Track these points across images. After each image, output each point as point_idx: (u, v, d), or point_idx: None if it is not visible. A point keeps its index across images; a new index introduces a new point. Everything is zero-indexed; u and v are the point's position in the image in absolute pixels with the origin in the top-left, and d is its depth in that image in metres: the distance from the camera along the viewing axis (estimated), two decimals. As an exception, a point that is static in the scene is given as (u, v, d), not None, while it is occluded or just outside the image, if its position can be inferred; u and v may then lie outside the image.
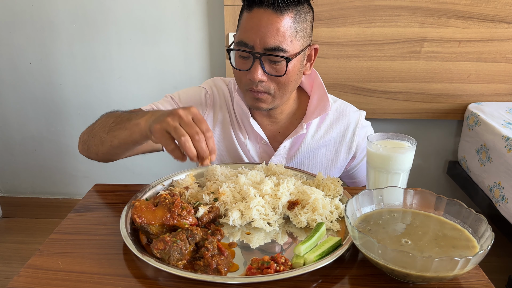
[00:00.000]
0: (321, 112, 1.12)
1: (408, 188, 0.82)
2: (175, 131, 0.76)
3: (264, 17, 0.94)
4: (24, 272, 0.70)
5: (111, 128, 0.94)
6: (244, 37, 0.97)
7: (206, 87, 1.19)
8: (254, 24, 0.95)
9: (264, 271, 0.67)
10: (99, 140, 0.98)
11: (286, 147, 1.16)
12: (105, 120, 0.99)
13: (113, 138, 0.94)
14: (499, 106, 2.02)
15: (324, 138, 1.17)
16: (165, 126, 0.77)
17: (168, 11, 2.09)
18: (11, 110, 2.33)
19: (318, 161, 1.18)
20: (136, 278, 0.69)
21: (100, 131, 0.98)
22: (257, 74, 0.98)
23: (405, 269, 0.64)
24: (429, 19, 1.96)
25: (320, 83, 1.15)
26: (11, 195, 2.54)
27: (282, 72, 0.99)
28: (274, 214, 0.86)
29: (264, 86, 1.01)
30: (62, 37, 2.16)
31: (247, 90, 1.04)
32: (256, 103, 1.05)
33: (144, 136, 0.87)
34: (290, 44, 0.97)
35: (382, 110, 2.14)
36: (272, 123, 1.17)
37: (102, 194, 0.98)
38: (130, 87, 2.25)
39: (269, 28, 0.94)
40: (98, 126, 1.00)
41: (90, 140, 1.02)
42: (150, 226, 0.75)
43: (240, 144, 1.17)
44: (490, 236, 0.67)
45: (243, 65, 1.01)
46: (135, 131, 0.87)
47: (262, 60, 0.97)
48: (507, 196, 1.65)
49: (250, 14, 0.96)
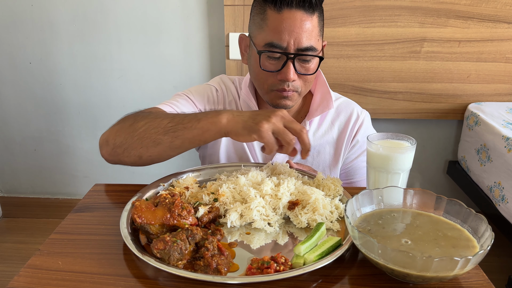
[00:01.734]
0: (324, 109, 1.14)
1: (408, 188, 0.82)
2: (284, 133, 0.84)
3: (297, 18, 0.95)
4: (24, 272, 0.70)
5: (171, 129, 0.91)
6: (276, 38, 0.97)
7: (215, 85, 1.20)
8: (287, 25, 0.96)
9: (264, 271, 0.67)
10: (152, 142, 0.92)
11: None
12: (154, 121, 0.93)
13: (174, 138, 0.90)
14: (499, 106, 2.03)
15: (326, 135, 1.18)
16: (272, 127, 0.84)
17: (168, 11, 2.09)
18: (11, 110, 2.33)
19: (322, 158, 1.19)
20: (136, 278, 0.69)
21: (152, 133, 0.92)
22: (290, 74, 0.99)
23: (405, 269, 0.64)
24: (429, 19, 1.96)
25: (323, 81, 1.17)
26: (11, 195, 2.54)
27: (312, 71, 1.02)
28: (275, 214, 0.86)
29: (294, 85, 1.03)
30: (62, 37, 2.16)
31: (273, 90, 1.05)
32: (284, 101, 1.06)
33: (221, 135, 0.89)
34: (318, 43, 1.01)
35: (382, 110, 2.14)
36: None
37: (102, 194, 0.98)
38: (130, 87, 2.25)
39: (302, 29, 0.96)
40: (145, 127, 0.93)
41: (133, 142, 0.94)
42: (150, 226, 0.75)
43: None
44: (490, 236, 0.67)
45: (272, 66, 1.01)
46: (210, 129, 0.88)
47: (294, 60, 0.99)
48: (507, 196, 1.65)
49: (281, 15, 0.96)
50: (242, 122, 0.85)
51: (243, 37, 1.11)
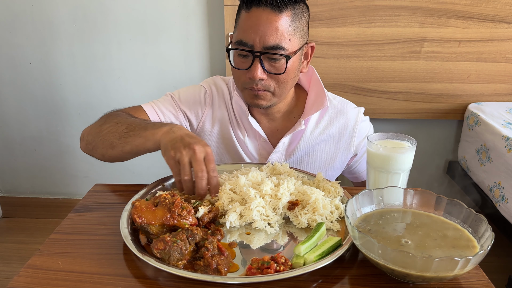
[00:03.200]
0: (319, 107, 1.14)
1: (408, 188, 0.82)
2: (183, 167, 0.84)
3: (263, 16, 0.96)
4: (24, 272, 0.70)
5: (124, 134, 0.97)
6: (243, 36, 0.99)
7: (205, 86, 1.21)
8: (253, 23, 0.96)
9: (264, 271, 0.67)
10: (109, 144, 1.00)
11: (285, 143, 1.17)
12: (115, 126, 1.01)
13: (125, 144, 0.97)
14: (499, 106, 2.03)
15: (323, 134, 1.18)
16: (178, 157, 0.84)
17: (168, 11, 2.09)
18: (11, 110, 2.33)
19: (317, 157, 1.19)
20: (136, 278, 0.69)
21: (111, 136, 1.00)
22: (257, 72, 0.99)
23: (405, 269, 0.64)
24: (429, 19, 1.96)
25: (317, 79, 1.16)
26: (11, 195, 2.54)
27: (282, 70, 1.01)
28: (275, 214, 0.86)
29: (264, 84, 1.03)
30: (62, 37, 2.16)
31: (246, 89, 1.06)
32: (256, 100, 1.06)
33: (157, 147, 0.91)
34: (289, 43, 0.99)
35: (382, 110, 2.14)
36: (270, 121, 1.19)
37: (102, 194, 0.98)
38: (130, 87, 2.25)
39: (268, 27, 0.96)
40: (108, 130, 1.01)
41: (98, 142, 1.03)
42: (150, 226, 0.75)
43: (239, 142, 1.18)
44: (490, 236, 0.67)
45: (242, 64, 1.02)
46: (149, 139, 0.92)
47: (262, 58, 0.99)
48: (507, 196, 1.65)
49: (249, 13, 0.97)
50: (168, 140, 0.87)
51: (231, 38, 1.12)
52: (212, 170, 0.85)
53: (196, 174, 0.83)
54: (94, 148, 1.05)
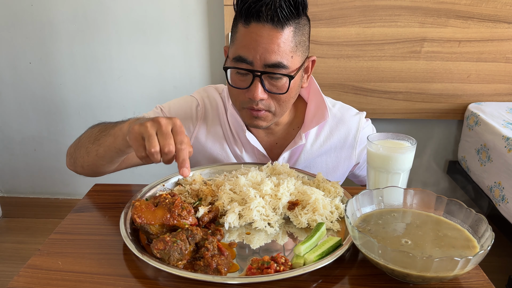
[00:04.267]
0: (319, 120, 1.08)
1: (408, 188, 0.82)
2: (148, 139, 0.75)
3: (264, 32, 0.89)
4: (24, 272, 0.70)
5: (97, 137, 0.92)
6: (242, 52, 0.92)
7: (197, 98, 1.13)
8: (253, 39, 0.90)
9: (264, 271, 0.67)
10: (85, 151, 0.95)
11: (285, 158, 1.12)
12: (91, 130, 0.97)
13: (98, 147, 0.91)
14: (499, 106, 2.03)
15: (324, 146, 1.13)
16: (142, 130, 0.76)
17: (168, 11, 2.09)
18: (11, 110, 2.33)
19: (318, 168, 1.14)
20: (136, 278, 0.69)
21: (86, 142, 0.95)
22: (257, 92, 0.93)
23: (405, 269, 0.64)
24: (429, 19, 1.96)
25: (317, 89, 1.10)
26: (11, 195, 2.54)
27: (283, 90, 0.95)
28: (275, 214, 0.86)
29: (265, 104, 0.97)
30: (62, 37, 2.16)
31: (244, 108, 0.99)
32: (255, 121, 1.00)
33: (124, 141, 0.84)
34: (291, 60, 0.93)
35: (382, 110, 2.14)
36: (268, 134, 1.14)
37: (102, 194, 0.98)
38: (130, 87, 2.25)
39: (269, 44, 0.89)
40: (84, 137, 0.97)
41: (77, 152, 0.99)
42: (150, 226, 0.75)
43: (236, 158, 1.13)
44: (490, 236, 0.67)
45: (241, 82, 0.96)
46: (118, 135, 0.85)
47: (262, 77, 0.93)
48: (507, 196, 1.65)
49: (248, 29, 0.91)
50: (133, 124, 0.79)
51: (226, 49, 1.05)
52: (180, 141, 0.75)
53: (162, 149, 0.74)
54: (75, 161, 1.00)
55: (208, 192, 0.91)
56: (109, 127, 0.91)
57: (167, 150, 0.74)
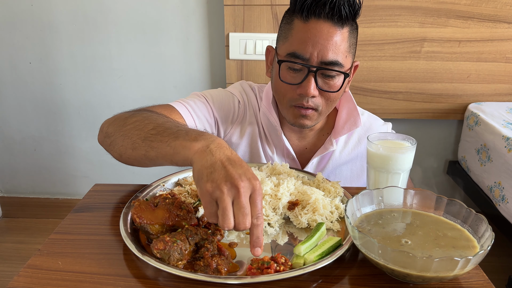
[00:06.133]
0: (351, 127, 1.08)
1: (408, 188, 0.82)
2: (223, 213, 0.64)
3: (324, 29, 0.90)
4: (24, 272, 0.70)
5: (149, 137, 0.79)
6: (298, 48, 0.92)
7: (237, 95, 1.12)
8: (312, 35, 0.90)
9: (264, 271, 0.67)
10: (131, 144, 0.82)
11: (314, 163, 1.12)
12: (142, 122, 0.83)
13: (150, 149, 0.78)
14: (499, 106, 2.03)
15: (352, 153, 1.13)
16: (217, 196, 0.64)
17: (168, 11, 2.09)
18: (11, 110, 2.33)
19: (343, 175, 1.14)
20: (136, 278, 0.69)
21: (135, 135, 0.82)
22: (310, 88, 0.93)
23: (405, 269, 0.64)
24: (429, 19, 1.96)
25: (349, 96, 1.11)
26: (11, 195, 2.54)
27: (336, 88, 0.96)
28: (275, 214, 0.86)
29: (314, 101, 0.97)
30: (62, 37, 2.16)
31: (292, 106, 0.99)
32: (301, 120, 1.00)
33: (187, 164, 0.73)
34: (345, 59, 0.94)
35: (382, 110, 2.14)
36: (300, 139, 1.14)
37: (102, 194, 0.98)
38: (130, 87, 2.25)
39: (329, 41, 0.90)
40: (132, 126, 0.84)
41: (118, 138, 0.86)
42: (150, 226, 0.75)
43: (266, 158, 1.13)
44: (490, 236, 0.67)
45: (292, 78, 0.96)
46: (179, 153, 0.72)
47: (317, 74, 0.93)
48: (507, 196, 1.65)
49: (307, 25, 0.91)
50: (203, 166, 0.67)
51: (270, 49, 1.05)
52: (256, 216, 0.65)
53: (237, 226, 0.64)
54: (112, 143, 0.88)
55: None
56: (167, 132, 0.77)
57: (242, 228, 0.64)
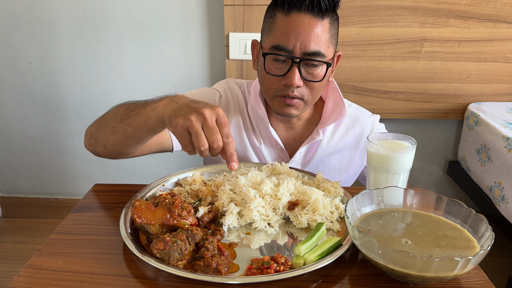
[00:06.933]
0: (337, 117, 1.11)
1: (408, 188, 0.82)
2: (196, 136, 0.73)
3: (305, 21, 0.94)
4: (24, 272, 0.70)
5: (124, 116, 0.88)
6: (282, 41, 0.96)
7: (219, 90, 1.16)
8: (294, 27, 0.94)
9: (264, 271, 0.67)
10: (111, 130, 0.91)
11: (302, 153, 1.15)
12: (117, 109, 0.93)
13: (127, 126, 0.87)
14: (499, 106, 2.03)
15: (339, 143, 1.16)
16: (187, 125, 0.73)
17: (168, 11, 2.09)
18: (11, 110, 2.33)
19: (332, 166, 1.17)
20: (136, 278, 0.69)
21: (112, 120, 0.91)
22: (294, 79, 0.96)
23: (405, 269, 0.64)
24: (429, 19, 1.96)
25: (335, 87, 1.14)
26: (11, 195, 2.54)
27: (319, 78, 0.99)
28: (275, 214, 0.86)
29: (299, 91, 1.00)
30: (62, 37, 2.16)
31: (277, 96, 1.02)
32: (287, 109, 1.03)
33: (160, 122, 0.81)
34: (327, 50, 0.98)
35: (382, 110, 2.14)
36: (287, 129, 1.16)
37: (102, 194, 0.98)
38: (130, 87, 2.25)
39: (310, 33, 0.94)
40: (109, 116, 0.93)
41: (99, 131, 0.95)
42: (150, 226, 0.75)
43: (254, 150, 1.15)
44: (490, 236, 0.67)
45: (277, 70, 0.99)
46: (151, 116, 0.81)
47: (300, 65, 0.97)
48: (507, 196, 1.65)
49: (289, 18, 0.95)
50: (171, 111, 0.76)
51: (255, 43, 1.09)
52: (226, 135, 0.75)
53: (211, 146, 0.74)
54: (96, 140, 0.97)
55: (208, 193, 0.91)
56: (138, 106, 0.87)
57: (216, 146, 0.74)
